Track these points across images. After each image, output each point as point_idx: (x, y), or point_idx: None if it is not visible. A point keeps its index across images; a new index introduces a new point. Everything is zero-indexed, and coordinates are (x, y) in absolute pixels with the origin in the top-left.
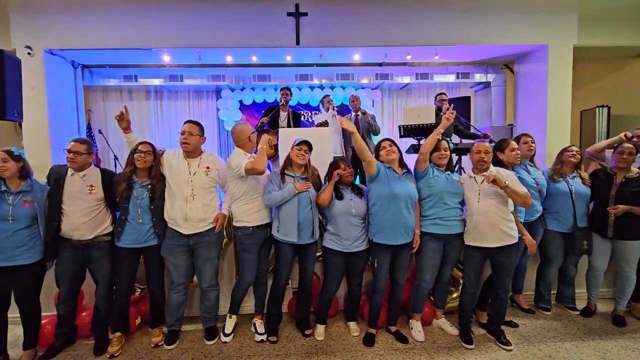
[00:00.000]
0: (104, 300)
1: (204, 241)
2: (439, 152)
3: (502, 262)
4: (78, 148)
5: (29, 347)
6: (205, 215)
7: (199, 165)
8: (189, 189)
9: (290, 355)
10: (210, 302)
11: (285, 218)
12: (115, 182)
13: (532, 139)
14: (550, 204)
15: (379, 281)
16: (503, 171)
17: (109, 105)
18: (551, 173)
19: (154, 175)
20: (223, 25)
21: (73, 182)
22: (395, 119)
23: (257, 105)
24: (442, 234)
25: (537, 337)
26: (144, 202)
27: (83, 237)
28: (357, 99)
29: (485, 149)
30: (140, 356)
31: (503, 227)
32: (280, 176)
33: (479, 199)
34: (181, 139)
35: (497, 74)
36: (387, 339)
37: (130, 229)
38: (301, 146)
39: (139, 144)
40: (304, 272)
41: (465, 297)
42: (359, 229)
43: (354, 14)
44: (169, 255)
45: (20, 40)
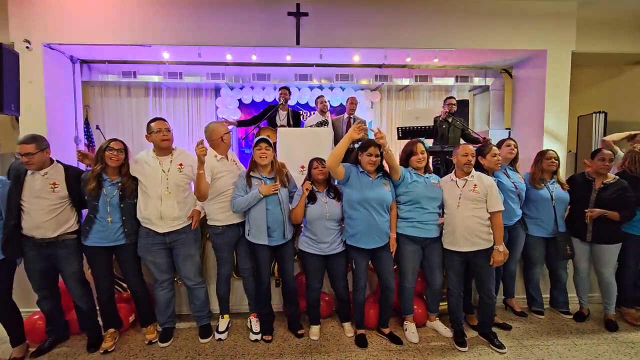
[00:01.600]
0: (81, 298)
1: (181, 238)
2: (416, 155)
3: (480, 266)
4: (27, 149)
5: (17, 343)
6: (180, 212)
7: (172, 162)
8: (164, 187)
9: (285, 355)
10: (199, 301)
11: (254, 221)
12: (84, 180)
13: (515, 142)
14: (532, 210)
15: (359, 281)
16: (484, 177)
17: (107, 101)
18: (531, 181)
19: (125, 173)
20: (223, 23)
21: (34, 180)
22: (394, 121)
23: (256, 104)
24: (420, 237)
25: (529, 340)
26: (114, 200)
27: (45, 235)
28: (355, 102)
29: (472, 152)
30: (134, 353)
31: (478, 232)
32: (246, 179)
33: (459, 203)
34: (160, 136)
35: (496, 78)
36: (381, 340)
37: (100, 227)
38: (260, 145)
39: (110, 141)
40: (284, 273)
41: (452, 300)
42: (334, 232)
43: (355, 15)
44: (147, 255)
45: (19, 33)
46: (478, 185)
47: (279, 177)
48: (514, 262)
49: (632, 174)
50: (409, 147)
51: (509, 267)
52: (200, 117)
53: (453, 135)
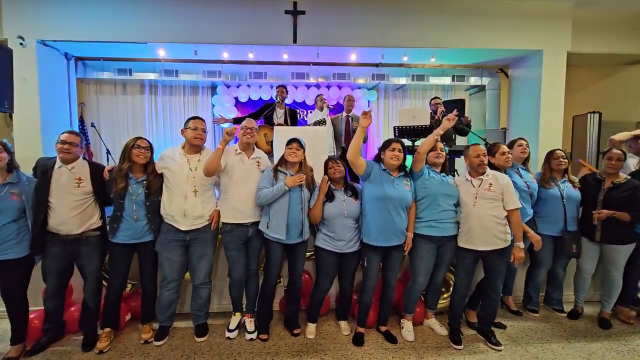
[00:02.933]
0: (92, 297)
1: (200, 237)
2: (435, 151)
3: (494, 265)
4: (73, 139)
5: (17, 341)
6: (203, 212)
7: (199, 162)
8: (190, 186)
9: (281, 354)
10: (201, 300)
11: (275, 215)
12: (112, 179)
13: (527, 142)
14: (542, 208)
15: (369, 281)
16: (500, 176)
17: (102, 99)
18: (541, 182)
19: (151, 171)
20: (220, 21)
21: (61, 174)
22: (391, 120)
23: (253, 103)
24: (437, 237)
25: (524, 338)
26: (140, 198)
27: (71, 231)
28: (353, 99)
29: (483, 152)
30: (130, 352)
31: (496, 231)
32: (274, 173)
33: (475, 202)
34: (194, 134)
35: (492, 78)
36: (377, 338)
37: (126, 225)
38: (292, 144)
39: (136, 139)
40: (293, 272)
41: (456, 298)
42: (352, 230)
43: (352, 14)
44: (163, 250)
45: (12, 30)
46: (494, 184)
47: (306, 176)
48: None
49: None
50: (390, 142)
51: (511, 265)
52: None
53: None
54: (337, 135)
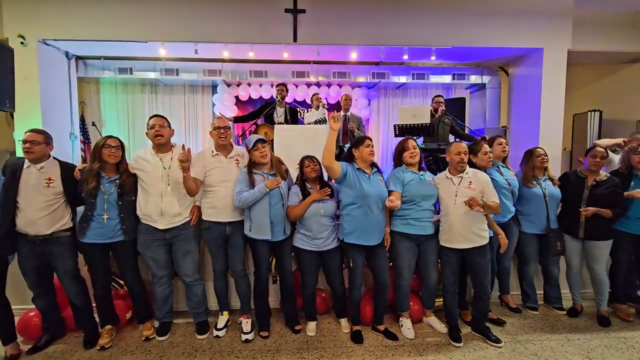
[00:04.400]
0: (77, 296)
1: (181, 234)
2: (408, 150)
3: (476, 262)
4: (34, 137)
5: (8, 341)
6: (181, 209)
7: (172, 159)
8: (165, 184)
9: (281, 351)
10: (197, 298)
11: (257, 216)
12: (83, 179)
13: (505, 140)
14: (525, 207)
15: (356, 278)
16: (479, 174)
17: (103, 98)
18: (523, 181)
19: (124, 171)
20: (220, 19)
21: (30, 174)
22: (391, 118)
23: (253, 101)
24: (415, 235)
25: (523, 335)
26: (112, 197)
27: (39, 232)
28: (350, 99)
29: (464, 149)
30: (131, 349)
31: (475, 229)
32: (249, 176)
33: (455, 200)
34: (153, 133)
35: (492, 76)
36: (378, 336)
37: (97, 224)
38: (257, 146)
39: (107, 138)
40: (282, 270)
41: (447, 296)
42: (329, 227)
43: (352, 12)
44: (146, 251)
45: (13, 29)
46: (473, 182)
47: (278, 171)
48: (508, 259)
49: (622, 172)
50: (401, 144)
51: (503, 264)
52: (196, 113)
53: (442, 132)
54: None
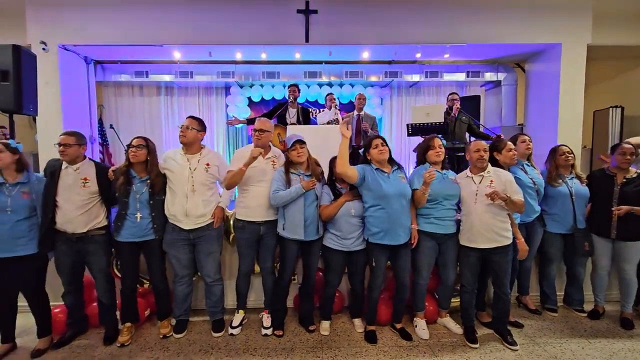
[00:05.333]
0: (105, 294)
1: (204, 235)
2: (434, 149)
3: (497, 262)
4: (67, 140)
5: (43, 335)
6: (205, 210)
7: (199, 162)
8: (189, 185)
9: (296, 350)
10: (215, 297)
11: (292, 216)
12: (115, 179)
13: (529, 138)
14: (550, 206)
15: (377, 279)
16: (501, 172)
17: (121, 101)
18: (548, 180)
19: (152, 170)
20: (233, 22)
21: (67, 175)
22: (404, 117)
23: (266, 102)
24: (438, 234)
25: (542, 337)
26: (144, 196)
27: (76, 230)
28: (364, 98)
29: (484, 147)
30: (150, 346)
31: (497, 229)
32: (285, 175)
33: (476, 199)
34: (179, 133)
35: (508, 73)
36: (392, 336)
37: (130, 223)
38: (295, 146)
39: (133, 139)
40: (307, 269)
41: (465, 296)
42: (359, 228)
43: (364, 11)
44: (170, 249)
45: (36, 35)
46: (495, 181)
47: (314, 173)
48: (530, 259)
49: None
50: (426, 143)
51: (524, 264)
52: (210, 115)
53: (459, 130)
54: None
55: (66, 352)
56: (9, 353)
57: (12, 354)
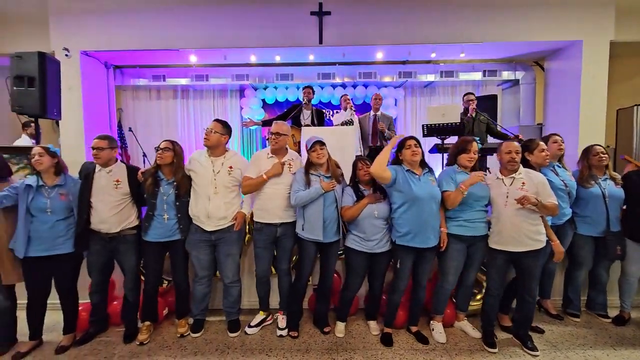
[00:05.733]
0: (132, 291)
1: (225, 237)
2: (468, 154)
3: (528, 266)
4: (100, 144)
5: (69, 331)
6: (226, 213)
7: (223, 165)
8: (212, 187)
9: (311, 351)
10: (232, 298)
11: (311, 217)
12: (144, 180)
13: (561, 138)
14: (582, 208)
15: (401, 282)
16: (534, 174)
17: (139, 104)
18: (580, 181)
19: (178, 172)
20: (248, 26)
21: (100, 177)
22: (419, 118)
23: (279, 104)
24: (467, 236)
25: (564, 344)
26: (170, 198)
27: (110, 230)
28: (380, 98)
29: (516, 149)
30: (168, 345)
31: (529, 232)
32: (305, 176)
33: (506, 202)
34: (204, 136)
35: (526, 72)
36: (408, 339)
37: (157, 223)
38: (315, 147)
39: (161, 142)
40: (325, 270)
41: (489, 300)
42: (382, 230)
43: (378, 12)
44: (192, 249)
45: (59, 42)
46: (527, 183)
47: (334, 174)
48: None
49: None
50: (463, 145)
51: (548, 266)
52: (225, 117)
53: (478, 130)
54: (364, 134)
55: (88, 349)
56: (35, 349)
57: (37, 350)
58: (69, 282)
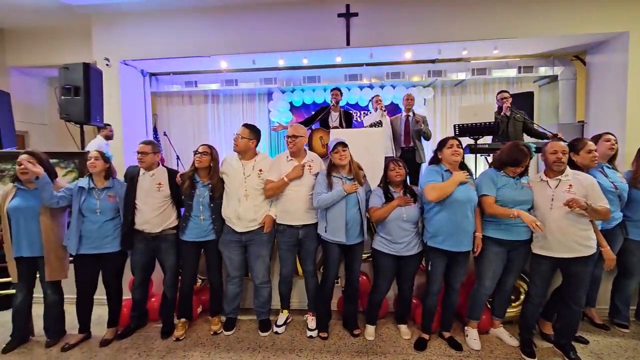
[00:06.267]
0: (170, 289)
1: (255, 239)
2: (519, 168)
3: (577, 273)
4: (144, 149)
5: (112, 325)
6: (256, 215)
7: (253, 168)
8: (243, 190)
9: (341, 353)
10: (263, 298)
11: (333, 219)
12: (182, 183)
13: (615, 137)
14: (634, 211)
15: (433, 285)
16: (583, 176)
17: (172, 109)
18: (633, 182)
19: (214, 175)
20: (276, 30)
21: (144, 180)
22: (449, 118)
23: (307, 106)
24: (508, 240)
25: (611, 355)
26: (205, 200)
27: (152, 230)
28: (412, 98)
29: (562, 148)
30: (202, 342)
31: (577, 237)
32: (327, 178)
33: (551, 205)
34: (233, 140)
35: (566, 67)
36: (440, 344)
37: (193, 224)
38: (337, 148)
39: (199, 146)
40: (350, 272)
41: (529, 307)
42: (410, 233)
43: (406, 11)
44: (224, 249)
45: (100, 53)
46: (574, 186)
47: (356, 176)
48: (601, 267)
49: None
50: (518, 156)
51: (594, 272)
52: (254, 120)
53: (514, 129)
54: (397, 136)
55: (129, 343)
56: (84, 341)
57: (85, 342)
58: (115, 278)
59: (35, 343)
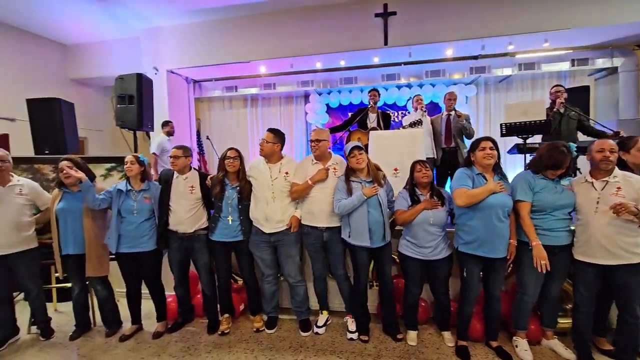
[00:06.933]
0: (207, 286)
1: (283, 239)
2: (558, 171)
3: (625, 282)
4: (176, 153)
5: (161, 319)
6: (283, 216)
7: (280, 171)
8: (270, 192)
9: (382, 357)
10: (299, 297)
11: (356, 223)
12: (212, 186)
13: None
14: None
15: (469, 291)
16: (633, 178)
17: (214, 114)
18: None
19: (242, 178)
20: (313, 33)
21: (178, 183)
22: (493, 116)
23: (343, 108)
24: (547, 245)
25: None
26: (234, 202)
27: (186, 230)
28: (454, 97)
29: (610, 147)
30: (245, 338)
31: (624, 243)
32: (346, 184)
33: (596, 208)
34: (259, 144)
35: (627, 57)
36: (487, 354)
37: (222, 225)
38: (353, 152)
39: (228, 150)
40: (382, 275)
41: (579, 317)
42: (437, 237)
43: (447, 6)
44: (255, 250)
45: (149, 63)
46: (623, 188)
47: (375, 178)
48: None
49: None
50: (558, 157)
51: None
52: (291, 123)
53: (567, 127)
54: (437, 136)
55: (178, 337)
56: (137, 332)
57: (139, 334)
58: (153, 275)
59: (97, 332)
